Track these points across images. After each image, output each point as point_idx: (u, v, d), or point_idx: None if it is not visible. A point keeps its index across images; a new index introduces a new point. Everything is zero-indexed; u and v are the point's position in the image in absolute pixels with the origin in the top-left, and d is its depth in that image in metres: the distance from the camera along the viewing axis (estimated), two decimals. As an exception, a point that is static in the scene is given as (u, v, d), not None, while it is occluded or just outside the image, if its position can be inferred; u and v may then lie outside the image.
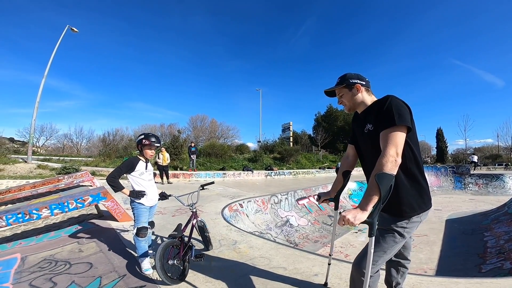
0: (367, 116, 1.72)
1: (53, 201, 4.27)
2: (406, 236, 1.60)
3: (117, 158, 17.25)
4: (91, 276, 2.75)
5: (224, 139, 37.77)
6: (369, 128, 1.65)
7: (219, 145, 22.08)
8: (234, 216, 6.25)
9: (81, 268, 2.95)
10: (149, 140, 2.98)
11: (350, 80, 1.75)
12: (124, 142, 25.56)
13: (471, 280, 2.40)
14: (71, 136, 38.51)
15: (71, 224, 4.71)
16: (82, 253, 3.40)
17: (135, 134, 35.15)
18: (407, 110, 1.52)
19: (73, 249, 3.52)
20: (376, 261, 1.54)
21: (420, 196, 1.59)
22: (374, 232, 1.35)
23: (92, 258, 3.22)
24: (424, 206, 1.60)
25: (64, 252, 3.44)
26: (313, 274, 2.70)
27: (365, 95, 1.75)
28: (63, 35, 14.96)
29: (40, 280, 2.68)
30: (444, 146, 40.71)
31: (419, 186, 1.59)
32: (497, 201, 11.10)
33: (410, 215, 1.56)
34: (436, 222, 8.65)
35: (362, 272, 1.55)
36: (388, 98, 1.55)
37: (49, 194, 6.95)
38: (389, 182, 1.31)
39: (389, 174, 1.34)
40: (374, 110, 1.64)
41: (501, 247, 5.30)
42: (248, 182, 14.05)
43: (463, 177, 17.89)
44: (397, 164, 1.40)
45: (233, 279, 2.64)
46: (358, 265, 1.59)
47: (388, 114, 1.49)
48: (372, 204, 1.34)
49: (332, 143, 37.40)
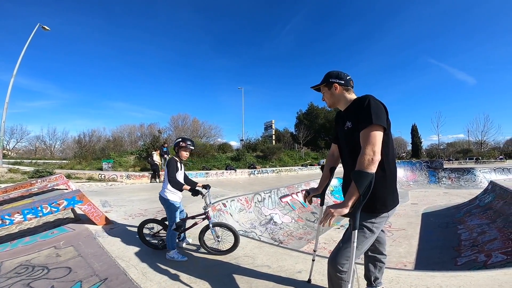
0: (347, 114, 1.77)
1: (26, 206, 4.05)
2: (376, 232, 1.64)
3: (93, 160, 16.61)
4: (70, 281, 2.66)
5: (207, 138, 37.39)
6: (348, 126, 1.70)
7: (201, 145, 21.82)
8: (218, 215, 6.19)
9: (60, 273, 2.84)
10: (186, 143, 3.36)
11: (330, 79, 1.82)
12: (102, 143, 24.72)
13: (447, 274, 2.51)
14: (44, 138, 36.83)
15: (47, 229, 4.50)
16: (60, 257, 3.26)
17: (113, 134, 34.11)
18: (383, 110, 1.58)
19: (50, 254, 3.38)
20: (348, 257, 1.57)
21: (392, 193, 1.66)
22: (357, 226, 1.41)
23: (71, 262, 3.11)
24: (393, 204, 1.67)
25: (40, 257, 3.30)
26: (297, 271, 2.72)
27: (344, 93, 1.81)
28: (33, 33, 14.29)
29: (18, 286, 2.57)
30: (419, 142, 42.54)
31: (391, 184, 1.66)
32: (469, 194, 11.73)
33: (382, 211, 1.62)
34: (413, 216, 9.00)
35: (337, 268, 1.58)
36: (366, 98, 1.60)
37: (21, 198, 6.61)
38: (365, 179, 1.37)
39: (365, 172, 1.40)
40: (354, 108, 1.70)
41: (474, 240, 5.60)
42: (231, 181, 14.00)
43: (437, 172, 18.76)
44: (374, 161, 1.44)
45: (217, 279, 2.62)
46: (333, 261, 1.61)
47: (366, 114, 1.54)
48: (352, 200, 1.41)
49: (313, 140, 38.01)
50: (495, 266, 4.13)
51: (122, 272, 2.81)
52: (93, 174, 12.67)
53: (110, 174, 12.91)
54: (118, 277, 2.72)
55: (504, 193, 7.35)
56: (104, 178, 12.50)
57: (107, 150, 19.13)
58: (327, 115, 41.44)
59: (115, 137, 30.09)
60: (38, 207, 4.03)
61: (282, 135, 36.02)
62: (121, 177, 12.69)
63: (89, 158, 17.01)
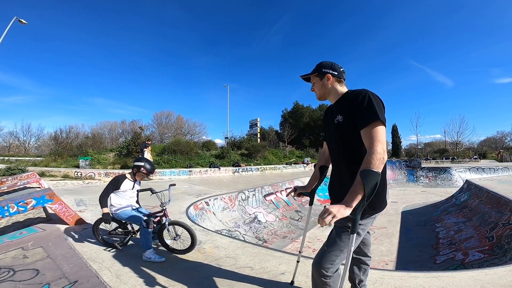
0: (338, 107, 1.66)
1: (-9, 205, 3.76)
2: (362, 234, 1.58)
3: (70, 157, 15.89)
4: (38, 283, 2.52)
5: (191, 136, 36.90)
6: (339, 120, 1.60)
7: (185, 142, 21.42)
8: (200, 215, 6.04)
9: (27, 275, 2.70)
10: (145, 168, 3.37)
11: (322, 69, 1.70)
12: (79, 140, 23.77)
13: (429, 274, 2.52)
14: (18, 134, 34.95)
15: (16, 229, 4.27)
16: (27, 259, 3.09)
17: (93, 131, 32.94)
18: (382, 105, 1.50)
19: (17, 256, 3.20)
20: (333, 261, 1.50)
21: (381, 195, 1.56)
22: (356, 229, 1.29)
23: (39, 264, 2.95)
24: (381, 206, 1.58)
25: (7, 258, 3.13)
26: (280, 273, 2.64)
27: (336, 85, 1.70)
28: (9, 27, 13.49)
29: (-19, 288, 2.40)
30: (399, 141, 43.87)
31: (382, 186, 1.54)
32: (445, 193, 12.18)
33: (370, 213, 1.54)
34: (393, 214, 9.22)
35: (322, 272, 1.51)
36: (365, 93, 1.50)
37: (-12, 197, 6.16)
38: (374, 179, 1.25)
39: (375, 171, 1.28)
40: (347, 102, 1.58)
41: (452, 238, 5.77)
42: (215, 179, 13.82)
43: (415, 171, 19.42)
44: (384, 161, 1.35)
45: (197, 281, 2.51)
46: (317, 265, 1.54)
47: (370, 110, 1.43)
48: (356, 201, 1.27)
49: (298, 139, 38.35)
50: (472, 264, 4.24)
51: (94, 274, 2.68)
52: (69, 172, 12.11)
53: (87, 172, 12.39)
54: (90, 279, 2.58)
55: (479, 192, 7.64)
56: (81, 176, 11.97)
57: (85, 147, 18.37)
58: (312, 114, 41.92)
59: (95, 134, 29.02)
60: (4, 207, 3.82)
61: (267, 133, 36.11)
62: (99, 175, 12.18)
63: (65, 155, 16.24)
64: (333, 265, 1.51)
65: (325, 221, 1.22)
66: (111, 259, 3.06)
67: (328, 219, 1.22)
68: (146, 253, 3.03)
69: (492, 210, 6.01)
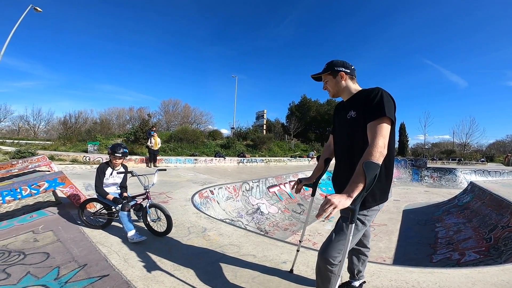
0: (352, 103, 1.73)
1: (4, 188, 3.87)
2: (367, 224, 1.67)
3: (78, 142, 16.19)
4: (48, 266, 2.57)
5: (197, 125, 37.07)
6: (352, 115, 1.67)
7: (191, 131, 21.62)
8: (205, 203, 6.19)
9: (37, 259, 2.75)
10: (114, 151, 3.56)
11: (335, 68, 1.78)
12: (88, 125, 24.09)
13: (424, 270, 2.62)
14: (28, 118, 35.55)
15: (25, 213, 4.31)
16: (37, 242, 3.16)
17: (101, 117, 33.26)
18: (393, 104, 1.57)
19: (27, 239, 3.27)
20: (340, 250, 1.55)
21: (384, 188, 1.65)
22: (354, 219, 1.36)
23: (49, 248, 3.02)
24: (384, 198, 1.67)
25: (17, 242, 3.18)
26: (282, 262, 2.75)
27: (349, 83, 1.78)
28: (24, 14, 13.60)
29: (-8, 271, 2.46)
30: (406, 140, 43.40)
31: (386, 179, 1.65)
32: (448, 194, 12.15)
33: (372, 205, 1.62)
34: (395, 212, 9.28)
35: (328, 261, 1.55)
36: (378, 90, 1.57)
37: (1, 180, 6.36)
38: (374, 171, 1.32)
39: (376, 163, 1.35)
40: (361, 98, 1.66)
41: (450, 238, 5.83)
42: (220, 169, 13.95)
43: (420, 170, 19.31)
44: (383, 154, 1.42)
45: (202, 267, 2.61)
46: (324, 254, 1.59)
47: (378, 106, 1.51)
48: (357, 191, 1.33)
49: (304, 133, 38.26)
50: (467, 264, 4.32)
51: (103, 258, 2.76)
52: (78, 156, 12.33)
53: (95, 156, 12.59)
54: (98, 263, 2.65)
55: (483, 194, 7.63)
56: (89, 161, 12.20)
57: (94, 132, 18.67)
58: (319, 108, 41.63)
59: (103, 120, 29.36)
60: (17, 189, 3.85)
61: (273, 126, 36.05)
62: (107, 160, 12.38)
63: (74, 140, 16.56)
64: (340, 254, 1.56)
65: (327, 211, 1.27)
66: (119, 243, 3.16)
67: (330, 209, 1.26)
68: (128, 234, 3.20)
69: (493, 212, 6.04)
